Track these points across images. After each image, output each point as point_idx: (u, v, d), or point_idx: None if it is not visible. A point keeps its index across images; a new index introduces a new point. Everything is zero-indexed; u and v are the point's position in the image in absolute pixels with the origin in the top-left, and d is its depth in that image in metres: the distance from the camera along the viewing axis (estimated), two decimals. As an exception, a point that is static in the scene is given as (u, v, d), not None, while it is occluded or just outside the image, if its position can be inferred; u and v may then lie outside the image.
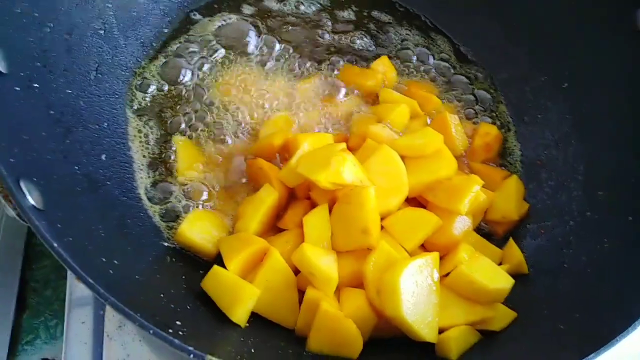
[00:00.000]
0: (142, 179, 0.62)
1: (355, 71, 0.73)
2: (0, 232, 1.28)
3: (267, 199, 0.58)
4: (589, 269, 0.56)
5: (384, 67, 0.73)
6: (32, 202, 0.42)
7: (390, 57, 0.75)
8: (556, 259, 0.59)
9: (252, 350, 0.47)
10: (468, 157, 0.69)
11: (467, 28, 0.77)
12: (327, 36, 0.76)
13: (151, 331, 0.37)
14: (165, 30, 0.72)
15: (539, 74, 0.70)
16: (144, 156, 0.63)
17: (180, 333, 0.41)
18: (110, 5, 0.65)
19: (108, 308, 0.61)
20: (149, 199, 0.61)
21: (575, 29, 0.66)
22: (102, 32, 0.64)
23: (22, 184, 0.42)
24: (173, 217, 0.60)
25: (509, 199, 0.64)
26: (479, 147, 0.68)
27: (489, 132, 0.69)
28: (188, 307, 0.50)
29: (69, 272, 0.63)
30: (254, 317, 0.52)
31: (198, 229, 0.58)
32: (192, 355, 0.36)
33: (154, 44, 0.71)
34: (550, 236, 0.61)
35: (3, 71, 0.48)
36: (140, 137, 0.64)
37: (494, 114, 0.73)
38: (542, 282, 0.58)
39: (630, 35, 0.60)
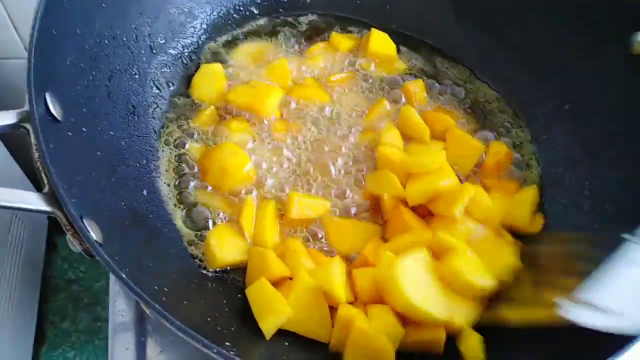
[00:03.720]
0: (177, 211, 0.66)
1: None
2: (19, 267, 1.33)
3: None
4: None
5: (415, 87, 0.78)
6: (94, 237, 0.46)
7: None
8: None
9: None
10: (481, 175, 0.73)
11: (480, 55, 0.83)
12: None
13: (215, 350, 0.40)
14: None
15: (547, 98, 0.75)
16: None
17: (232, 353, 0.45)
18: (143, 52, 0.71)
19: (150, 334, 0.65)
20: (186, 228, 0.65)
21: (576, 54, 0.72)
22: (137, 76, 0.69)
23: (85, 222, 0.46)
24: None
25: (523, 206, 0.68)
26: (490, 165, 0.73)
27: (499, 150, 0.74)
28: (232, 329, 0.54)
29: (110, 300, 0.67)
30: (293, 336, 0.56)
31: (227, 250, 0.62)
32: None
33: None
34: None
35: (59, 119, 0.53)
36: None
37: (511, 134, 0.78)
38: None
39: (628, 58, 0.65)
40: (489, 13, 0.80)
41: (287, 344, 0.55)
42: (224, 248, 0.61)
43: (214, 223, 0.65)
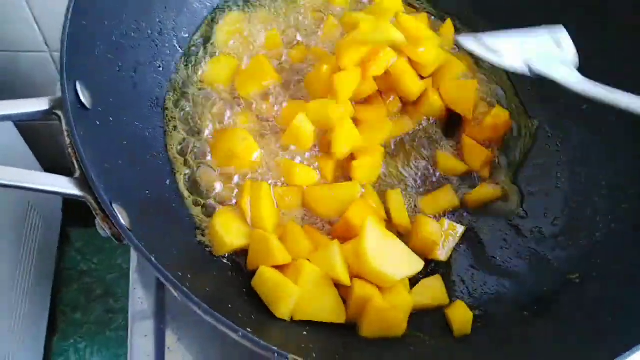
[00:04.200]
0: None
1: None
2: (33, 257, 1.35)
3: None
4: (617, 277, 0.60)
5: None
6: (124, 223, 0.47)
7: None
8: (585, 269, 0.63)
9: (313, 346, 0.52)
10: (473, 130, 0.74)
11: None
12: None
13: (240, 333, 0.41)
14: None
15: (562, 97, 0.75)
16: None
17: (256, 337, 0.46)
18: (167, 45, 0.72)
19: (169, 322, 0.66)
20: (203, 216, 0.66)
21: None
22: (161, 69, 0.70)
23: (115, 207, 0.48)
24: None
25: None
26: (488, 125, 0.74)
27: (500, 115, 0.75)
28: (252, 316, 0.55)
29: (130, 288, 0.68)
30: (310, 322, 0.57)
31: (232, 234, 0.62)
32: (276, 355, 0.41)
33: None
34: (579, 248, 0.65)
35: (88, 107, 0.54)
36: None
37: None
38: (573, 290, 0.63)
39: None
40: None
41: (307, 328, 0.56)
42: (230, 233, 0.61)
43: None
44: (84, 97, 0.53)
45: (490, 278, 0.68)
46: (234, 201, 0.66)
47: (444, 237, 0.67)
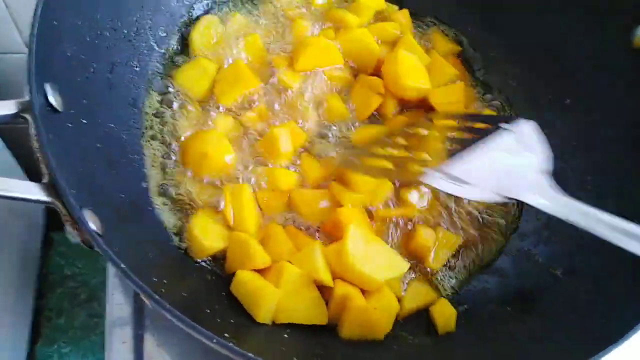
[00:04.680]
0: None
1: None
2: (15, 262, 1.32)
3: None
4: (600, 271, 0.60)
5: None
6: (94, 228, 0.46)
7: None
8: (569, 263, 0.63)
9: (294, 349, 0.52)
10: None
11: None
12: None
13: (214, 340, 0.40)
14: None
15: (546, 93, 0.75)
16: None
17: (232, 343, 0.45)
18: (144, 44, 0.70)
19: (148, 327, 0.65)
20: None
21: (576, 47, 0.72)
22: (137, 69, 0.69)
23: (84, 213, 0.46)
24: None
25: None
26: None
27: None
28: (232, 321, 0.54)
29: (108, 293, 0.66)
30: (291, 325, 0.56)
31: (211, 238, 0.61)
32: (250, 362, 0.40)
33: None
34: (563, 243, 0.65)
35: (59, 109, 0.52)
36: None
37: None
38: (557, 285, 0.63)
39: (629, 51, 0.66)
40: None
41: (288, 330, 0.55)
42: (208, 236, 0.60)
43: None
44: (55, 100, 0.52)
45: (474, 274, 0.67)
46: (212, 204, 0.64)
47: (438, 244, 0.67)
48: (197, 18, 0.76)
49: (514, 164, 0.59)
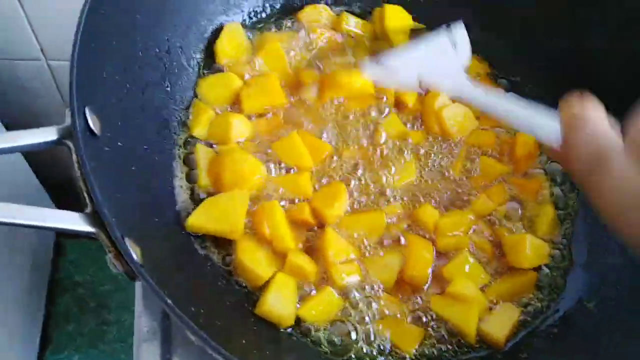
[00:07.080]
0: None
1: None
2: (26, 269, 1.31)
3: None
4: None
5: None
6: (137, 258, 0.45)
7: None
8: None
9: None
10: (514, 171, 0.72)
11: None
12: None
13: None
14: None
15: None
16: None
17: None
18: (175, 63, 0.70)
19: (176, 351, 0.64)
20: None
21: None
22: (169, 89, 0.68)
23: (127, 242, 0.46)
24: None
25: None
26: (522, 157, 0.72)
27: (528, 141, 0.73)
28: (267, 353, 0.53)
29: (136, 309, 0.65)
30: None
31: (263, 265, 0.60)
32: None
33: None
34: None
35: (97, 133, 0.52)
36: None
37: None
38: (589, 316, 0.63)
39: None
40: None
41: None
42: (259, 265, 0.60)
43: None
44: (93, 124, 0.51)
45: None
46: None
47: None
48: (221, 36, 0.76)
49: (441, 57, 0.65)
